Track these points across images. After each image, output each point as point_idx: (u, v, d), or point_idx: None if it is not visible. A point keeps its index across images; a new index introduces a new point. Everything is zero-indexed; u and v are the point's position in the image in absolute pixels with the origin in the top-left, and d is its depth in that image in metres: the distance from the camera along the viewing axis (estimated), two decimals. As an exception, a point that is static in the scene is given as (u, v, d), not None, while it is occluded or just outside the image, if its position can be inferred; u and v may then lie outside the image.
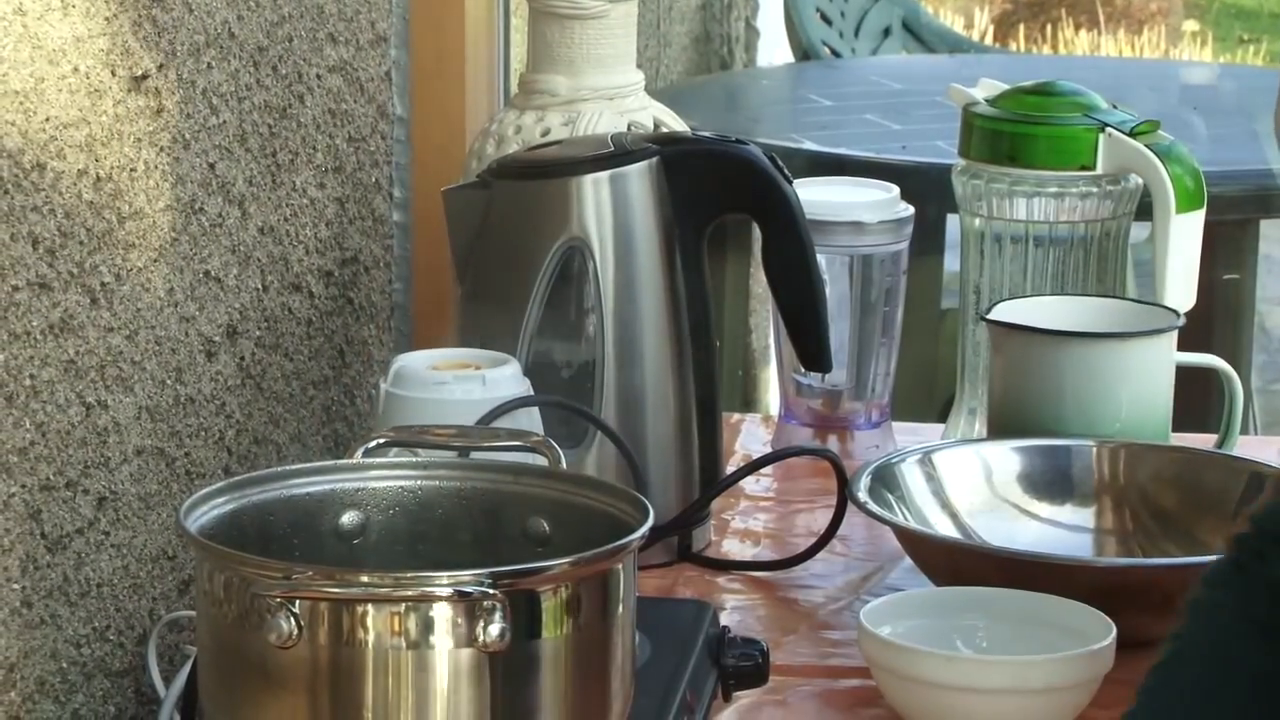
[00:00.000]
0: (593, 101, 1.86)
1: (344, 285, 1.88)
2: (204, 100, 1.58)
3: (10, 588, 1.33)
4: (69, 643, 1.41)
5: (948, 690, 1.42)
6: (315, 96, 1.80)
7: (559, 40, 1.86)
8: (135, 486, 1.49)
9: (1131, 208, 1.96)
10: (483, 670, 1.15)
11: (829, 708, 1.48)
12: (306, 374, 1.80)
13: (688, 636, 1.44)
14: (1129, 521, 1.71)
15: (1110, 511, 1.72)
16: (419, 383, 1.55)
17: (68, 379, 1.39)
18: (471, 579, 1.14)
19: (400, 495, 1.32)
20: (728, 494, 1.81)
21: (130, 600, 1.49)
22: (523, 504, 1.30)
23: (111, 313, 1.45)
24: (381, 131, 1.97)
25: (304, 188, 1.78)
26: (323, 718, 1.16)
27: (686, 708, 1.37)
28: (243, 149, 1.65)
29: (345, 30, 1.86)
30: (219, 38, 1.60)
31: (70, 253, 1.39)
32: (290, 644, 1.14)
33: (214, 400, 1.62)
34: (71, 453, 1.40)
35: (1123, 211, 1.96)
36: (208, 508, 1.24)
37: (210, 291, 1.60)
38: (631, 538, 1.20)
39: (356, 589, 1.15)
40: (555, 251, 1.69)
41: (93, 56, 1.40)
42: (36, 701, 1.37)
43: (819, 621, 1.63)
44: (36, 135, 1.34)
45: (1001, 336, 1.82)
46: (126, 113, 1.46)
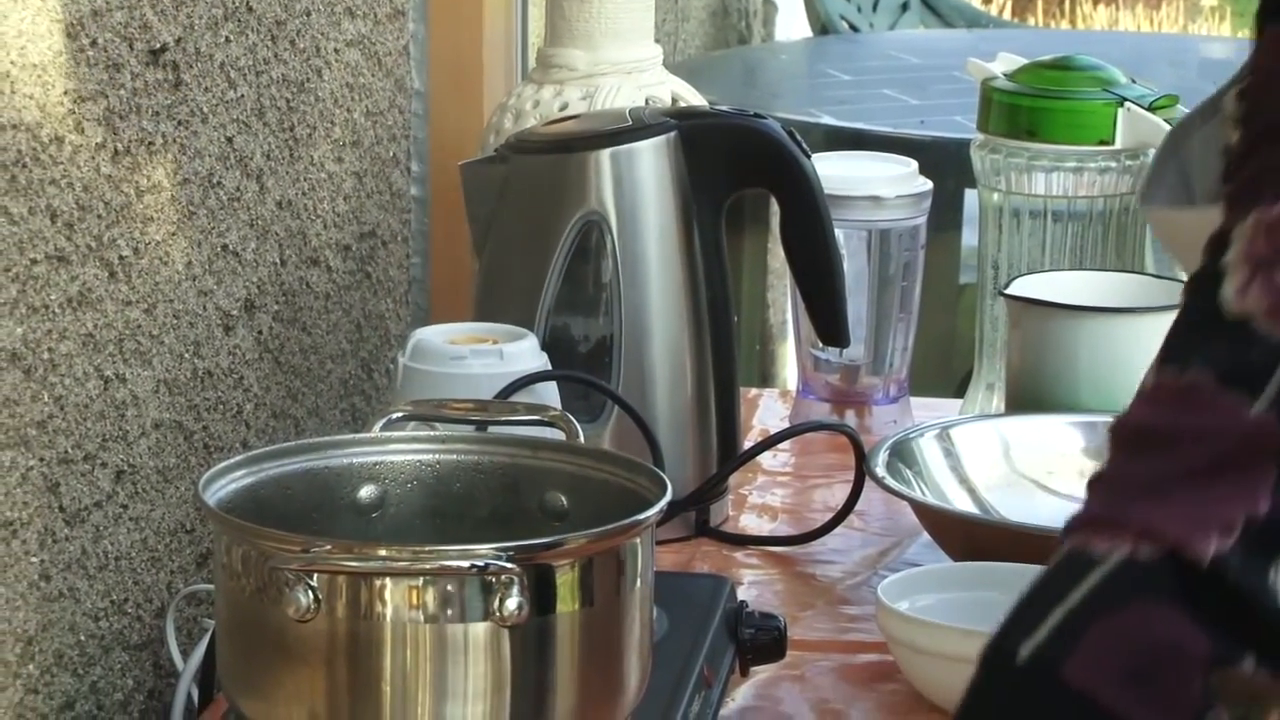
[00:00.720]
0: (610, 76, 1.86)
1: (362, 259, 1.89)
2: (222, 74, 1.58)
3: (29, 561, 1.33)
4: (87, 616, 1.41)
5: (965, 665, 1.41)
6: (333, 70, 1.80)
7: (577, 14, 1.86)
8: (154, 460, 1.49)
9: (1149, 182, 1.96)
10: (500, 644, 1.15)
11: (846, 682, 1.48)
12: (324, 348, 1.80)
13: (705, 611, 1.44)
14: (1147, 497, 1.71)
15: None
16: (437, 357, 1.55)
17: (86, 352, 1.39)
18: (489, 553, 1.14)
19: (418, 469, 1.32)
20: (745, 469, 1.81)
21: (148, 573, 1.49)
22: (540, 478, 1.30)
23: (130, 286, 1.45)
24: (399, 106, 1.97)
25: (322, 162, 1.78)
26: (341, 691, 1.16)
27: (704, 682, 1.37)
28: (260, 123, 1.65)
29: (363, 4, 1.86)
30: (237, 11, 1.60)
31: (88, 226, 1.39)
32: (308, 617, 1.14)
33: (232, 374, 1.62)
34: (90, 426, 1.40)
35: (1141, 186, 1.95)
36: (226, 481, 1.24)
37: (228, 265, 1.61)
38: (649, 513, 1.20)
39: (374, 562, 1.15)
40: (573, 226, 1.68)
41: (111, 30, 1.40)
42: (55, 674, 1.37)
43: (836, 596, 1.63)
44: (55, 109, 1.34)
45: (1020, 311, 1.82)
46: (144, 86, 1.46)
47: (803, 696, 1.46)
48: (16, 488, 1.32)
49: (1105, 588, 0.95)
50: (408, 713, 1.16)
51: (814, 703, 1.45)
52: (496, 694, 1.16)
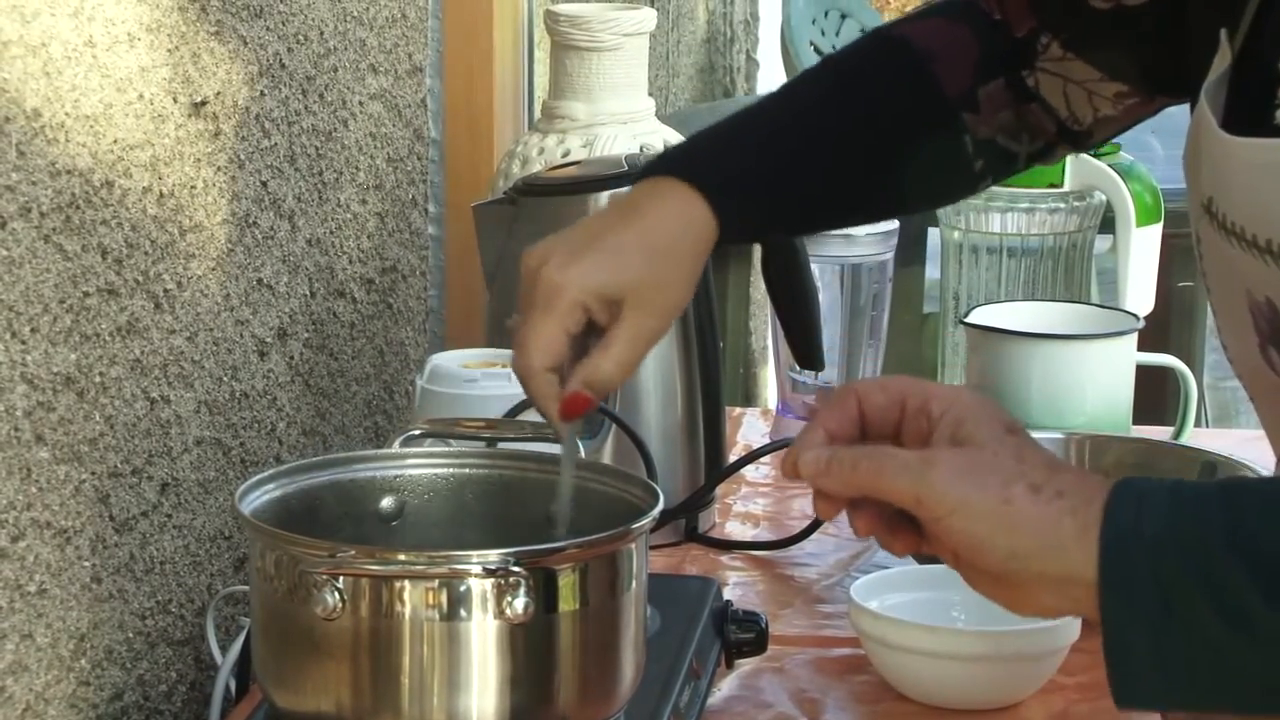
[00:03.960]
0: (608, 126, 1.86)
1: (383, 292, 1.88)
2: (257, 124, 1.58)
3: (81, 565, 1.33)
4: (134, 615, 1.41)
5: (929, 658, 1.41)
6: (358, 121, 1.80)
7: (578, 70, 1.86)
8: (195, 473, 1.49)
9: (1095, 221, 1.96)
10: (508, 640, 1.15)
11: (822, 674, 1.48)
12: (350, 372, 1.80)
13: (694, 610, 1.44)
14: (1093, 505, 1.71)
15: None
16: (451, 380, 1.55)
17: (134, 376, 1.39)
18: (498, 558, 1.14)
19: (434, 481, 1.32)
20: (730, 480, 1.81)
21: (190, 576, 1.49)
22: (545, 489, 1.29)
23: (174, 316, 1.44)
24: (418, 153, 1.96)
25: (347, 203, 1.78)
26: (364, 683, 1.16)
27: (693, 674, 1.37)
28: (292, 168, 1.65)
29: (385, 61, 1.86)
30: (271, 68, 1.60)
31: (136, 262, 1.38)
32: (335, 616, 1.14)
33: (266, 395, 1.62)
34: (137, 443, 1.40)
35: (1088, 225, 1.96)
36: (260, 492, 1.24)
37: (263, 297, 1.60)
38: (643, 521, 1.20)
39: (395, 566, 1.15)
40: (574, 261, 1.68)
41: (156, 84, 1.40)
42: (105, 668, 1.37)
43: (813, 596, 1.62)
44: (105, 156, 1.34)
45: (978, 338, 1.82)
46: (187, 135, 1.45)
47: (782, 686, 1.46)
48: (70, 499, 1.31)
49: None
50: (424, 703, 1.16)
51: (792, 692, 1.45)
52: (505, 686, 1.16)
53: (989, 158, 1.40)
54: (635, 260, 1.28)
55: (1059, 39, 1.36)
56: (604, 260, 1.28)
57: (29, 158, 1.24)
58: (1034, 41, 1.37)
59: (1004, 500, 1.00)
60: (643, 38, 1.88)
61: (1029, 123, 1.40)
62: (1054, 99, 1.38)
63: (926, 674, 1.41)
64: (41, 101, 1.25)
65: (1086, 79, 1.37)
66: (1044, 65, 1.37)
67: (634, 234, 1.29)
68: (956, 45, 1.39)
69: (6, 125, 1.21)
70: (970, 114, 1.39)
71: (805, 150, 1.39)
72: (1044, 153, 1.42)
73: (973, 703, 1.41)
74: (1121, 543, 0.97)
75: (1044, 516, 0.99)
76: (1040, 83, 1.38)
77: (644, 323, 1.28)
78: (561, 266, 1.27)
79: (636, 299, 1.28)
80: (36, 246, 1.26)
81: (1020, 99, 1.38)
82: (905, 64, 1.40)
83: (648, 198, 1.31)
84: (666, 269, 1.30)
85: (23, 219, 1.24)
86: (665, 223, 1.31)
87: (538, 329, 1.26)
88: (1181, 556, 0.96)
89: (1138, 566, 0.97)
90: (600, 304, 1.27)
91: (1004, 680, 1.42)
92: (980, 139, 1.39)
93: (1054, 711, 1.41)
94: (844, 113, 1.40)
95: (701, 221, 1.31)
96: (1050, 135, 1.40)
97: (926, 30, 1.41)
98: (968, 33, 1.40)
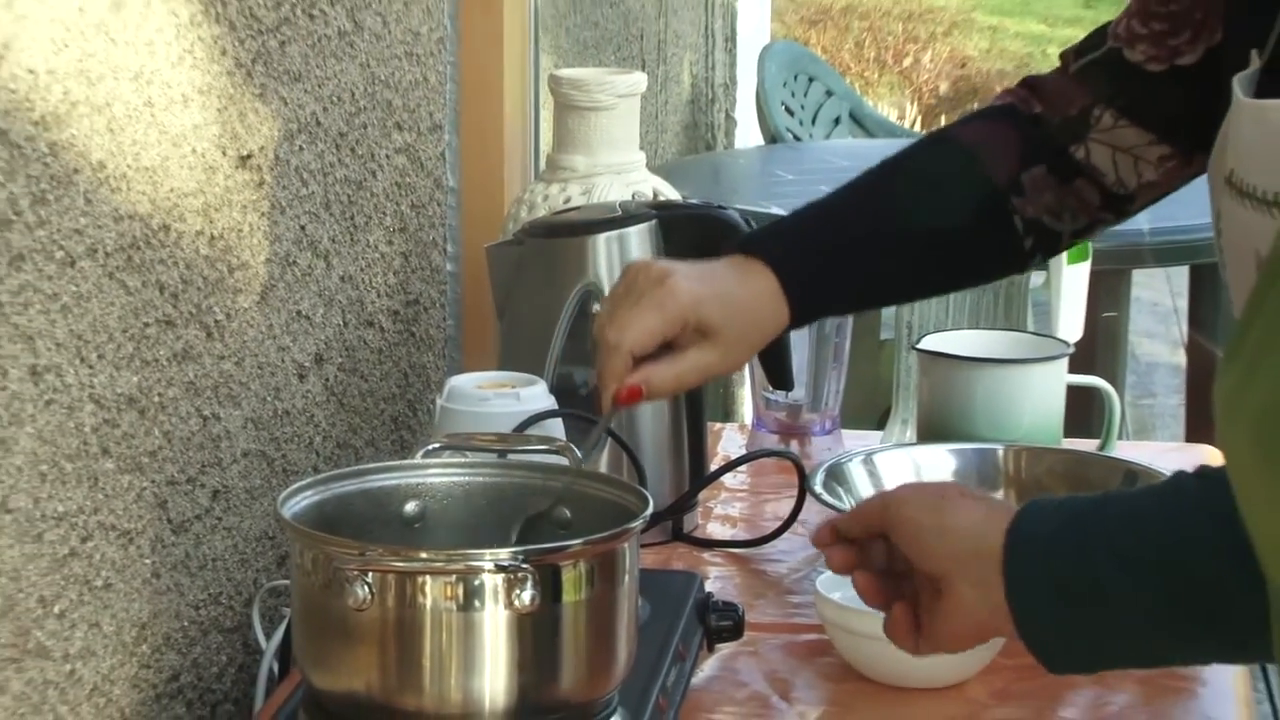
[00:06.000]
0: (604, 176, 1.86)
1: (407, 322, 1.88)
2: (296, 175, 1.58)
3: (142, 562, 1.33)
4: (189, 606, 1.41)
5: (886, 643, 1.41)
6: (385, 172, 1.80)
7: (578, 127, 1.86)
8: (242, 481, 1.49)
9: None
10: (517, 628, 1.15)
11: (791, 657, 1.47)
12: (378, 392, 1.80)
13: (679, 601, 1.44)
14: (1030, 508, 1.71)
15: (1015, 500, 1.72)
16: (467, 399, 1.55)
17: (188, 396, 1.39)
18: (508, 555, 1.14)
19: (452, 488, 1.32)
20: (711, 487, 1.81)
21: (238, 572, 1.49)
22: (549, 495, 1.29)
23: (223, 344, 1.44)
24: (437, 200, 1.96)
25: (376, 244, 1.78)
26: (390, 666, 1.16)
27: (679, 657, 1.37)
28: (327, 214, 1.65)
29: (409, 120, 1.86)
30: (308, 125, 1.60)
31: (190, 296, 1.38)
32: (365, 607, 1.14)
33: (305, 413, 1.62)
34: (191, 455, 1.40)
35: (1024, 264, 1.95)
36: (300, 498, 1.24)
37: (302, 327, 1.60)
38: (635, 522, 1.20)
39: (417, 563, 1.15)
40: (575, 295, 1.68)
41: (207, 140, 1.40)
42: (163, 653, 1.37)
43: (784, 588, 1.62)
44: (162, 203, 1.34)
45: (928, 362, 1.82)
46: (235, 185, 1.45)
47: (757, 668, 1.45)
48: (133, 504, 1.31)
49: None
50: (443, 683, 1.15)
51: (765, 673, 1.45)
52: (514, 668, 1.16)
53: (1037, 235, 1.45)
54: (736, 310, 1.36)
55: (1113, 107, 1.40)
56: (718, 296, 1.36)
57: (95, 204, 1.24)
58: (1086, 116, 1.41)
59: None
60: (635, 98, 1.88)
61: (1070, 203, 1.44)
62: (1104, 165, 1.41)
63: (883, 657, 1.41)
64: (106, 155, 1.25)
65: (1135, 144, 1.40)
66: (1095, 136, 1.41)
67: (742, 293, 1.37)
68: (1000, 139, 1.44)
69: (75, 176, 1.21)
70: (1017, 198, 1.42)
71: (872, 242, 1.43)
72: (1086, 230, 1.46)
73: (923, 682, 1.41)
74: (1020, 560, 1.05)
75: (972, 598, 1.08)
76: (1090, 152, 1.41)
77: (713, 358, 1.36)
78: (688, 282, 1.35)
79: (721, 339, 1.35)
80: (102, 283, 1.26)
81: (1063, 180, 1.42)
82: (956, 159, 1.45)
83: (751, 274, 1.39)
84: (748, 332, 1.39)
85: (90, 259, 1.24)
86: (760, 302, 1.38)
87: (644, 318, 1.33)
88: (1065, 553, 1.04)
89: (1036, 567, 1.05)
90: (696, 326, 1.35)
91: (951, 662, 1.41)
92: (1028, 219, 1.42)
93: (995, 689, 1.41)
94: (905, 206, 1.45)
95: (781, 314, 1.40)
96: (1093, 209, 1.44)
97: (971, 130, 1.46)
98: (1009, 127, 1.44)
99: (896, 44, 8.68)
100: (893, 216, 1.44)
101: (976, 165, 1.43)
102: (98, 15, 1.24)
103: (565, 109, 1.87)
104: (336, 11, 1.65)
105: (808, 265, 1.41)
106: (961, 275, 1.51)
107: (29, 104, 1.16)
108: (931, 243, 1.43)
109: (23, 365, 1.17)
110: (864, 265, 1.43)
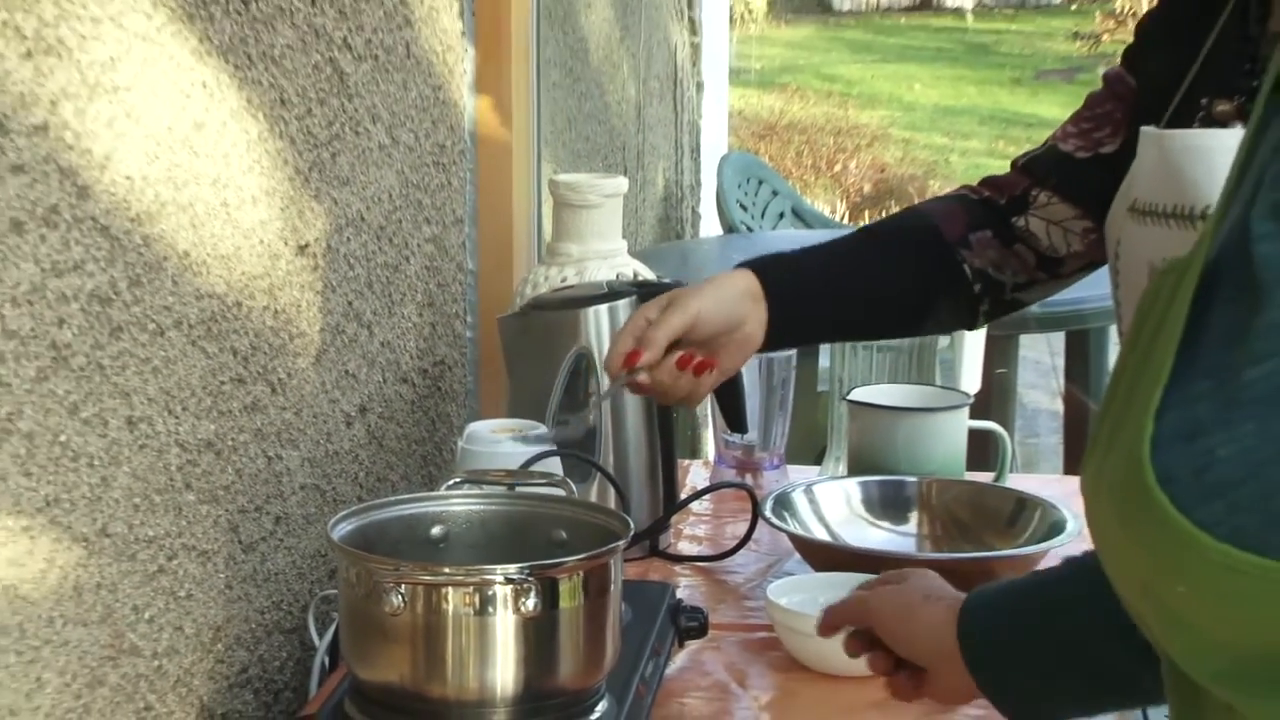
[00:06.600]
0: (594, 260, 1.86)
1: (435, 379, 1.88)
2: (344, 261, 1.57)
3: (217, 576, 1.32)
4: (256, 611, 1.39)
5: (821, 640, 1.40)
6: (416, 258, 1.80)
7: (573, 221, 1.86)
8: (300, 510, 1.48)
9: (939, 327, 1.96)
10: (522, 629, 1.14)
11: (747, 651, 1.47)
12: (410, 436, 1.79)
13: (655, 606, 1.43)
14: (938, 530, 1.71)
15: (927, 523, 1.72)
16: (483, 441, 1.55)
17: (256, 441, 1.38)
18: (516, 570, 1.14)
19: (470, 515, 1.31)
20: (681, 512, 1.80)
21: (296, 583, 1.48)
22: (549, 521, 1.29)
23: (285, 398, 1.44)
24: (459, 280, 1.96)
25: (409, 316, 1.78)
26: (419, 661, 1.15)
27: (655, 652, 1.36)
28: (370, 291, 1.65)
29: (436, 215, 1.86)
30: (354, 220, 1.60)
31: (258, 358, 1.38)
32: (399, 613, 1.13)
33: (350, 453, 1.61)
34: (258, 488, 1.39)
35: (933, 330, 1.95)
36: (346, 524, 1.23)
37: (349, 384, 1.60)
38: (619, 542, 1.20)
39: (441, 577, 1.14)
40: (570, 357, 1.68)
41: (272, 233, 1.40)
42: (234, 651, 1.36)
43: (741, 595, 1.61)
44: (235, 283, 1.33)
45: (857, 410, 1.82)
46: (294, 269, 1.45)
47: (719, 660, 1.45)
48: (210, 529, 1.30)
49: None
50: (462, 675, 1.15)
51: (725, 664, 1.44)
52: (520, 662, 1.15)
53: (984, 283, 1.47)
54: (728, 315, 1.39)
55: (1047, 188, 1.45)
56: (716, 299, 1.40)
57: (180, 285, 1.24)
58: (1026, 195, 1.47)
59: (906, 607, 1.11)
60: (618, 198, 1.88)
61: (1011, 262, 1.47)
62: (1039, 233, 1.45)
63: (820, 651, 1.40)
64: (189, 245, 1.25)
65: (1065, 218, 1.45)
66: (1033, 211, 1.46)
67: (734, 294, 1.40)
68: (953, 209, 1.49)
69: (164, 262, 1.21)
70: (965, 250, 1.47)
71: (844, 281, 1.45)
72: (1026, 286, 1.48)
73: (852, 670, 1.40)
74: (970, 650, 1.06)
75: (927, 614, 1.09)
76: (1029, 223, 1.46)
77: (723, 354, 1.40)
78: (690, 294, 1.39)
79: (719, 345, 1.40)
80: (186, 349, 1.25)
81: (1005, 243, 1.46)
82: (916, 222, 1.49)
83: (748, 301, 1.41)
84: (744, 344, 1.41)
85: (176, 329, 1.23)
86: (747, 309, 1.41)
87: (670, 320, 1.37)
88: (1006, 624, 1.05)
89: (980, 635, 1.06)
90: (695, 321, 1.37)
91: (877, 655, 1.41)
92: (975, 268, 1.47)
93: (913, 677, 1.40)
94: (873, 254, 1.47)
95: (762, 326, 1.42)
96: (1030, 268, 1.47)
97: (929, 204, 1.52)
98: (958, 204, 1.50)
99: (829, 154, 8.71)
100: (866, 265, 1.46)
101: (932, 227, 1.47)
102: (183, 133, 1.23)
103: (562, 206, 1.87)
104: (377, 129, 1.65)
105: (793, 291, 1.42)
106: (920, 317, 1.50)
107: (126, 204, 1.16)
108: (896, 287, 1.45)
109: (120, 416, 1.16)
110: (838, 300, 1.44)
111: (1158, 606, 0.64)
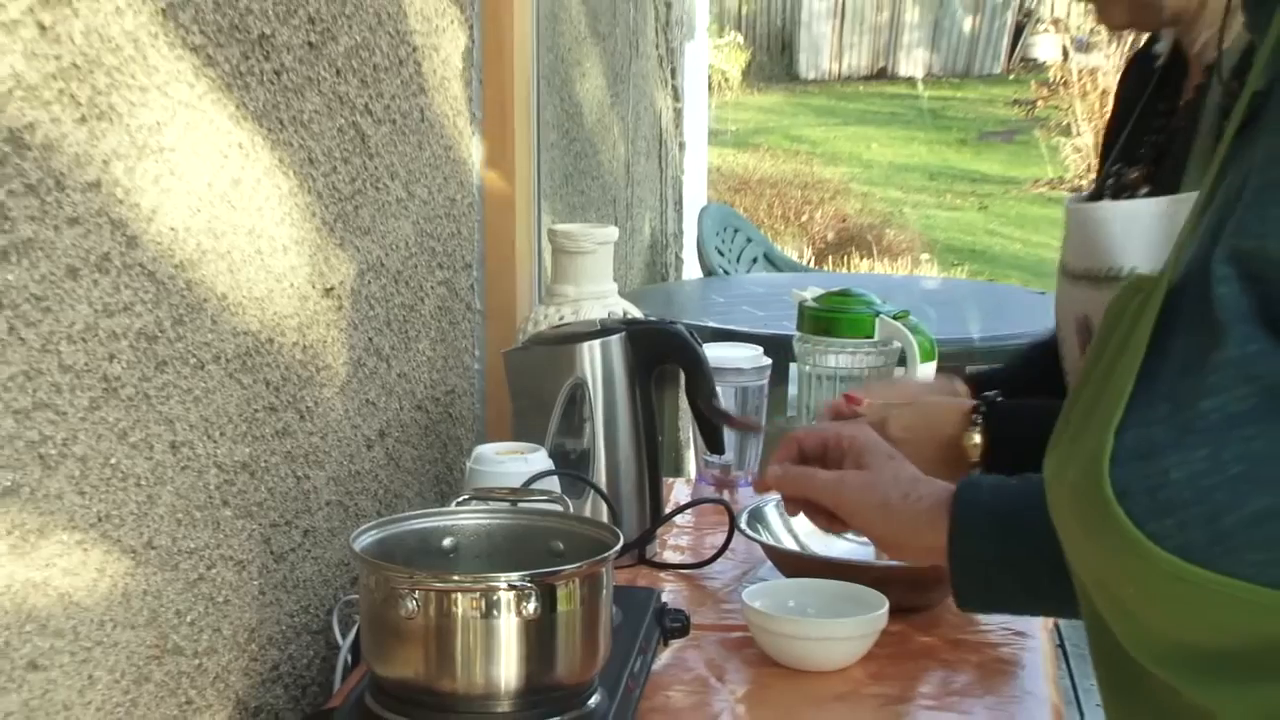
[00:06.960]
0: (588, 301, 1.85)
1: (446, 406, 1.87)
2: (365, 302, 1.57)
3: (252, 583, 1.31)
4: (286, 614, 1.38)
5: (791, 639, 1.39)
6: (430, 299, 1.79)
7: (569, 266, 1.86)
8: (326, 524, 1.47)
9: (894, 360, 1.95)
10: (524, 630, 1.13)
11: (724, 649, 1.45)
12: (425, 458, 1.78)
13: (643, 609, 1.42)
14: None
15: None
16: (489, 462, 1.54)
17: (286, 462, 1.37)
18: (518, 577, 1.13)
19: (478, 528, 1.30)
20: (666, 525, 1.79)
21: (322, 589, 1.46)
22: (548, 533, 1.28)
23: (312, 424, 1.43)
24: (468, 319, 1.95)
25: (423, 351, 1.77)
26: (432, 660, 1.14)
27: (642, 650, 1.35)
28: (388, 329, 1.64)
29: (447, 260, 1.85)
30: (374, 265, 1.59)
31: (288, 389, 1.37)
32: (413, 617, 1.12)
33: (371, 474, 1.60)
34: (289, 505, 1.38)
35: (890, 362, 1.95)
36: (366, 536, 1.22)
37: (370, 410, 1.58)
38: (610, 552, 1.19)
39: (451, 584, 1.14)
40: (567, 387, 1.67)
41: (301, 277, 1.39)
42: (266, 650, 1.34)
43: (719, 598, 1.60)
44: (268, 322, 1.32)
45: (821, 433, 1.81)
46: (321, 309, 1.44)
47: (699, 657, 1.43)
48: (245, 541, 1.29)
49: None
50: (470, 672, 1.14)
51: (706, 661, 1.42)
52: (522, 661, 1.14)
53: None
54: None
55: None
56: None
57: (219, 324, 1.23)
58: None
59: (884, 505, 1.04)
60: (610, 245, 1.88)
61: None
62: None
63: (791, 649, 1.39)
64: (227, 289, 1.24)
65: None
66: None
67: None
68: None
69: (204, 304, 1.20)
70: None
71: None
72: None
73: (818, 665, 1.39)
74: (966, 511, 0.98)
75: (908, 513, 1.03)
76: None
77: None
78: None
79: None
80: (224, 380, 1.24)
81: None
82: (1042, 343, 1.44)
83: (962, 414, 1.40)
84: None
85: (215, 363, 1.22)
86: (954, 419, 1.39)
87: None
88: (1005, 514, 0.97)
89: (978, 522, 0.98)
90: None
91: (839, 651, 1.40)
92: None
93: (871, 672, 1.39)
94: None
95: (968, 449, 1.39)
96: None
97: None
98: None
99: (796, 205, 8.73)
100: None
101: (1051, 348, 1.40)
102: (222, 189, 1.23)
103: (560, 253, 1.86)
104: (395, 184, 1.64)
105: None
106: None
107: (171, 252, 1.15)
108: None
109: (165, 441, 1.15)
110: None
111: (1109, 598, 0.64)
